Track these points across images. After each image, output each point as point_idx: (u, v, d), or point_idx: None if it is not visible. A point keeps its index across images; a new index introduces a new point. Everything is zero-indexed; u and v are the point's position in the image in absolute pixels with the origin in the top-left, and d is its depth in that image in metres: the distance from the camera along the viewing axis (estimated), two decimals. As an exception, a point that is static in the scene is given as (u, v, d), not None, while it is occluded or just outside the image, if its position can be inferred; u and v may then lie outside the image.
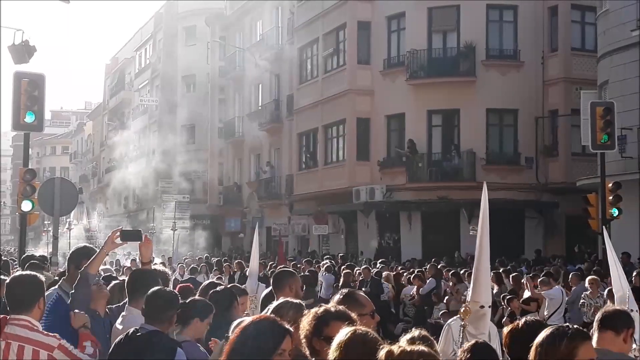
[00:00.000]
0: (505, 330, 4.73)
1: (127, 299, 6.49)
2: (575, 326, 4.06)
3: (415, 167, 32.08)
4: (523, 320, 4.77)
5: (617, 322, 4.82)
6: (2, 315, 5.45)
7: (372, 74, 34.55)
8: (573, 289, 17.93)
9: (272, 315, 4.22)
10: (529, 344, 3.99)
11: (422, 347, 3.46)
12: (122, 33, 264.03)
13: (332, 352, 3.75)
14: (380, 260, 26.66)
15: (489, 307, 5.96)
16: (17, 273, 5.76)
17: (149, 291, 5.71)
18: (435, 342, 4.27)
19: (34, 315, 5.50)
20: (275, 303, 5.83)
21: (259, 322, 3.98)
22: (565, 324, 4.15)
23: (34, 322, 5.47)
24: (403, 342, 4.08)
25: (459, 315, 6.21)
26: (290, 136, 41.29)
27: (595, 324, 4.99)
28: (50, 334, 5.60)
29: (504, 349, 4.69)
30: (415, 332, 4.20)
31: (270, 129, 44.21)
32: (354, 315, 4.32)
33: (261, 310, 6.78)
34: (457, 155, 31.84)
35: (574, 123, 29.94)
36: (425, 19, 32.82)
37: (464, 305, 6.03)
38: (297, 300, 5.99)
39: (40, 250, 41.08)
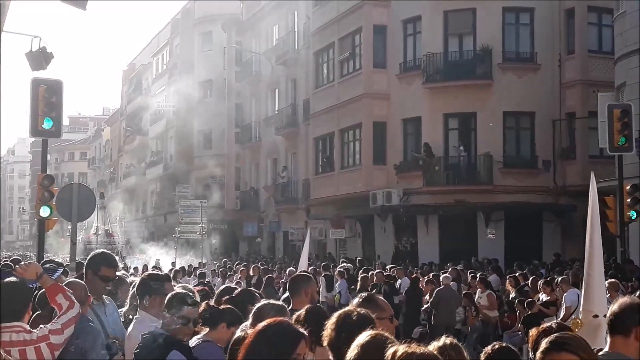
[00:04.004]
0: (533, 332, 4.67)
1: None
2: (556, 335, 4.03)
3: (432, 170, 32.01)
4: (550, 323, 4.73)
5: (623, 323, 4.64)
6: None
7: (388, 77, 34.52)
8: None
9: (286, 319, 4.20)
10: None
11: (426, 350, 3.45)
12: (139, 39, 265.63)
13: (351, 352, 3.74)
14: (390, 266, 26.59)
15: (604, 316, 5.64)
16: (4, 281, 5.71)
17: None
18: (464, 350, 4.24)
19: (24, 320, 5.59)
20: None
21: (274, 325, 3.93)
22: (558, 330, 4.09)
23: (26, 326, 5.54)
24: (432, 348, 4.08)
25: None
26: (307, 140, 41.30)
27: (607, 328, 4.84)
28: (41, 326, 5.70)
29: (530, 350, 4.63)
30: (446, 340, 4.18)
31: (286, 133, 44.26)
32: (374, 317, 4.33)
33: None
34: (466, 152, 31.86)
35: (591, 125, 29.80)
36: (441, 22, 32.77)
37: (573, 318, 5.67)
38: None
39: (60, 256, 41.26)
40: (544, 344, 3.95)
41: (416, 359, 3.35)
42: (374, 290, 18.82)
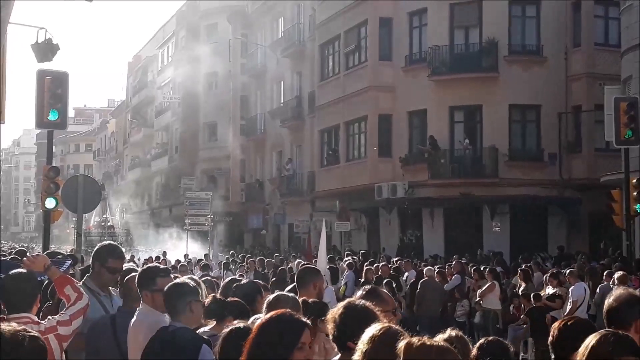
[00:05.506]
0: (555, 327, 4.60)
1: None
2: (628, 337, 3.81)
3: (438, 163, 31.98)
4: (571, 318, 4.66)
5: (621, 316, 4.53)
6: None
7: (394, 70, 34.48)
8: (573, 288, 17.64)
9: (288, 310, 4.21)
10: (575, 343, 3.84)
11: (441, 343, 3.44)
12: (145, 31, 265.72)
13: (363, 344, 3.72)
14: (397, 259, 26.60)
15: None
16: (13, 272, 5.71)
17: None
18: (470, 343, 4.22)
19: (33, 312, 5.58)
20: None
21: (277, 317, 3.98)
22: (616, 331, 3.92)
23: (34, 317, 5.54)
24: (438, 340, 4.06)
25: None
26: (312, 133, 41.30)
27: (604, 321, 4.70)
28: (49, 317, 5.73)
29: (550, 346, 4.50)
30: (452, 332, 4.17)
31: (291, 125, 44.25)
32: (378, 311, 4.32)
33: None
34: (472, 145, 31.81)
35: (597, 118, 29.68)
36: (447, 15, 32.72)
37: None
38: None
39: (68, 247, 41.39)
40: (618, 345, 3.68)
41: (435, 351, 3.33)
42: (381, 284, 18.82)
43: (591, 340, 3.73)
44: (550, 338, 4.40)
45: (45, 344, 2.26)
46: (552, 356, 4.32)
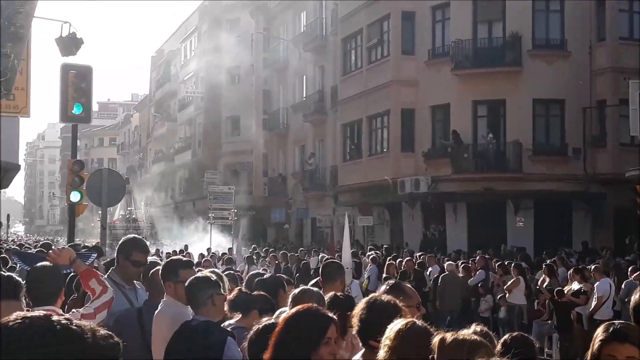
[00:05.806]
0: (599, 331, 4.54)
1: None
2: (619, 325, 3.89)
3: (461, 158, 31.86)
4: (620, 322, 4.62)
5: None
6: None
7: (417, 64, 34.37)
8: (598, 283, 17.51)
9: (314, 304, 4.21)
10: None
11: (474, 337, 3.42)
12: (168, 25, 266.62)
13: (389, 340, 3.70)
14: (420, 253, 26.54)
15: None
16: (38, 265, 5.73)
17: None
18: (495, 338, 4.20)
19: (58, 305, 5.59)
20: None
21: (302, 312, 3.96)
22: (613, 322, 3.99)
23: (58, 310, 5.56)
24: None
25: None
26: (335, 127, 41.27)
27: (631, 318, 4.59)
28: (74, 310, 5.76)
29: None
30: (476, 328, 4.16)
31: (314, 120, 44.24)
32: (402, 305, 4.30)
33: None
34: (495, 140, 31.63)
35: (622, 113, 29.43)
36: (470, 9, 32.55)
37: None
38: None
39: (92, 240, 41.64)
40: (604, 332, 3.84)
41: (469, 346, 3.32)
42: (405, 279, 18.81)
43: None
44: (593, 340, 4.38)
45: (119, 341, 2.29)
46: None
